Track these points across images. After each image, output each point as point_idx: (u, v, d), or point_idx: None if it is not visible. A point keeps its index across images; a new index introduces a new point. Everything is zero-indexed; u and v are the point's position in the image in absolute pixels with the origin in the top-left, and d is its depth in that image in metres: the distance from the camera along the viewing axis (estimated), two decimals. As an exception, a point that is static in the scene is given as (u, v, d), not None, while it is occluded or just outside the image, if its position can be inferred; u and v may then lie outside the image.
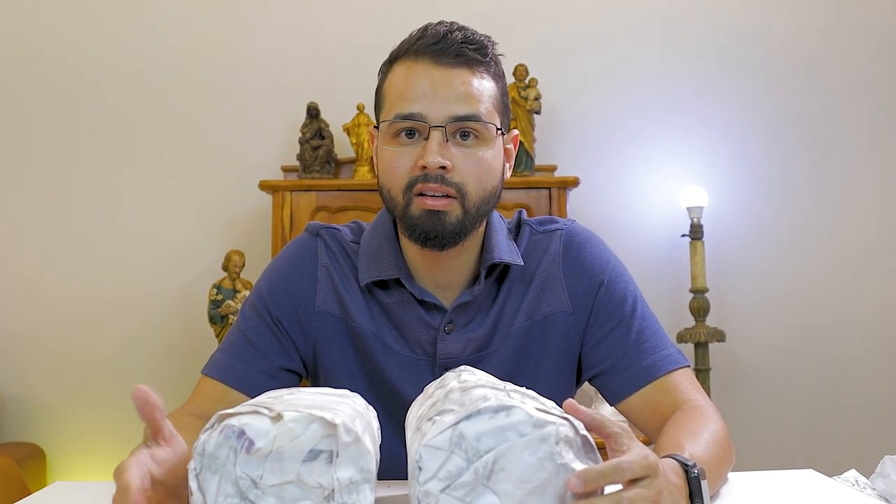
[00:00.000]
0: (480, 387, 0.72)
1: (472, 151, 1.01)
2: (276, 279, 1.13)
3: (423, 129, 1.00)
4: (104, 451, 2.82)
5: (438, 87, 1.00)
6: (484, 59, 1.03)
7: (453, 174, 1.00)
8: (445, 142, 1.00)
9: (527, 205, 2.56)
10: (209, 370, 1.10)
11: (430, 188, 0.99)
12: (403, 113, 1.00)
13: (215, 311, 2.56)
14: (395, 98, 1.02)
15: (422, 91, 1.00)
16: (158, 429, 0.71)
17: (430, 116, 0.99)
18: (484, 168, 1.02)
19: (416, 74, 1.01)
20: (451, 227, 1.00)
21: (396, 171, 1.02)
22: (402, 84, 1.02)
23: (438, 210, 1.00)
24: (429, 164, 0.98)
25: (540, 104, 2.73)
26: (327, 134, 2.73)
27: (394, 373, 1.09)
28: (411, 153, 1.01)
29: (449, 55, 1.00)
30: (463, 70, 1.01)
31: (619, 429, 0.70)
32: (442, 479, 0.65)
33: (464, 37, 1.02)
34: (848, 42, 2.97)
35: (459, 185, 1.00)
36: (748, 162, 2.94)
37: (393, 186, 1.03)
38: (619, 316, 1.09)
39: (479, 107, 1.01)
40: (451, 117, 0.99)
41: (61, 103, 2.91)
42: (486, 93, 1.02)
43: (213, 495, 0.65)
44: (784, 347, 2.88)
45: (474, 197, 1.01)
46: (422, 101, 1.00)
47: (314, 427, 0.66)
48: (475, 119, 1.00)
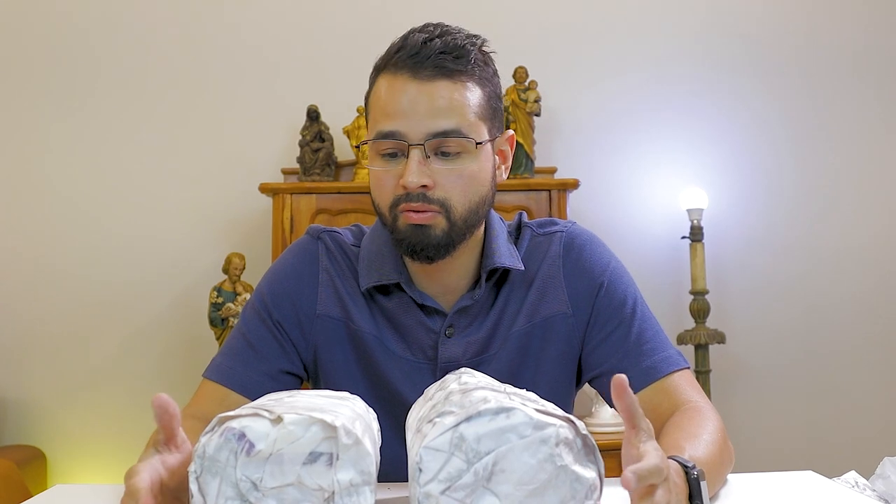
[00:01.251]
0: (480, 389, 0.72)
1: (454, 167, 0.99)
2: (277, 282, 1.13)
3: (403, 147, 0.99)
4: (104, 454, 2.82)
5: (416, 102, 0.98)
6: (465, 68, 0.99)
7: (435, 191, 0.99)
8: (426, 158, 0.98)
9: (527, 207, 2.56)
10: (210, 373, 1.10)
11: (413, 207, 0.99)
12: (384, 131, 0.99)
13: (216, 314, 2.56)
14: (377, 114, 1.02)
15: (401, 108, 0.98)
16: (173, 436, 0.73)
17: (409, 134, 0.98)
18: (467, 181, 1.00)
19: (395, 89, 0.99)
20: (436, 240, 1.00)
21: (383, 190, 1.02)
22: (382, 99, 1.01)
23: (423, 224, 0.99)
24: (408, 185, 0.98)
25: (540, 106, 2.73)
26: (327, 136, 2.73)
27: (394, 376, 1.08)
28: (394, 172, 1.00)
29: (427, 67, 0.98)
30: (442, 82, 0.98)
31: (647, 425, 0.71)
32: (442, 481, 0.65)
33: (443, 45, 0.98)
34: (848, 43, 2.97)
35: (443, 201, 0.99)
36: (748, 163, 2.94)
37: (380, 203, 1.03)
38: (619, 318, 1.09)
39: (460, 119, 0.98)
40: (429, 134, 0.97)
41: (61, 104, 2.92)
42: (467, 103, 0.99)
43: (213, 498, 0.66)
44: (784, 349, 2.88)
45: (460, 210, 1.00)
46: (401, 119, 0.98)
47: (314, 429, 0.66)
48: (456, 134, 0.98)
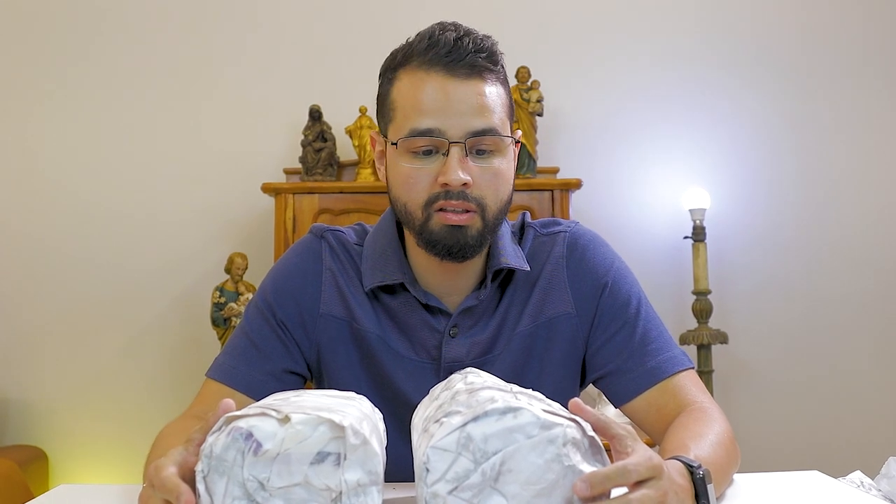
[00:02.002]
0: (487, 388, 0.72)
1: (489, 165, 1.00)
2: (280, 281, 1.13)
3: (443, 145, 0.99)
4: (106, 454, 2.82)
5: (454, 100, 0.98)
6: (495, 67, 1.01)
7: (473, 189, 0.99)
8: (465, 157, 0.98)
9: (529, 207, 2.56)
10: (213, 373, 1.10)
11: (453, 205, 0.98)
12: (420, 129, 0.98)
13: (218, 314, 2.56)
14: (408, 110, 1.00)
15: (438, 105, 0.98)
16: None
17: (448, 132, 0.98)
18: (501, 180, 1.01)
19: (430, 87, 0.99)
20: (472, 240, 1.00)
21: (415, 188, 1.00)
22: (414, 96, 1.00)
23: (461, 225, 0.99)
24: (451, 182, 0.97)
25: (542, 106, 2.73)
26: (330, 136, 2.73)
27: (398, 376, 1.08)
28: (429, 169, 0.99)
29: (463, 66, 0.98)
30: (476, 81, 0.99)
31: (623, 430, 0.70)
32: (449, 481, 0.65)
33: (474, 44, 0.99)
34: (849, 44, 2.97)
35: (479, 200, 1.00)
36: (750, 164, 2.94)
37: (410, 202, 1.01)
38: (623, 318, 1.09)
39: (495, 118, 1.00)
40: (469, 132, 0.98)
41: (62, 103, 2.92)
42: (498, 102, 1.01)
43: (220, 497, 0.65)
44: (787, 349, 2.88)
45: (493, 209, 1.01)
46: (438, 116, 0.98)
47: (322, 429, 0.66)
48: (493, 133, 0.99)
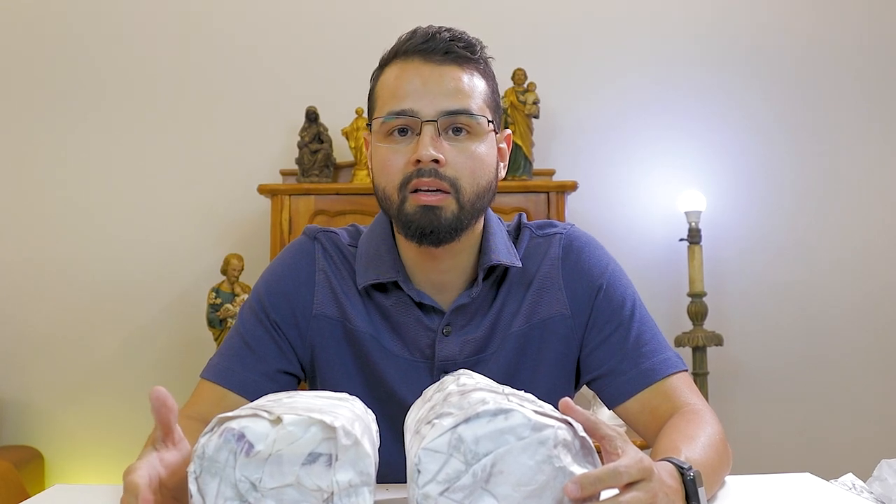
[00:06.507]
0: (479, 390, 0.72)
1: (464, 146, 1.02)
2: (273, 282, 1.13)
3: (415, 124, 1.01)
4: (102, 455, 2.82)
5: (429, 83, 1.01)
6: (473, 57, 1.04)
7: (447, 168, 1.00)
8: (438, 136, 1.00)
9: (525, 209, 2.56)
10: (207, 373, 1.10)
11: (425, 183, 1.00)
12: (395, 110, 1.01)
13: (214, 315, 2.56)
14: (387, 97, 1.04)
15: (413, 88, 1.01)
16: (170, 431, 0.73)
17: (421, 112, 1.00)
18: (477, 162, 1.02)
19: (407, 73, 1.03)
20: (446, 222, 1.01)
21: (390, 169, 1.02)
22: (393, 83, 1.04)
23: (433, 205, 1.00)
24: (422, 157, 0.99)
25: (538, 108, 2.73)
26: (326, 138, 2.74)
27: (392, 375, 1.09)
28: (405, 150, 1.01)
29: (438, 52, 1.02)
30: (452, 67, 1.03)
31: (612, 431, 0.71)
32: (441, 482, 0.66)
33: (452, 35, 1.04)
34: (846, 46, 2.98)
35: (453, 180, 1.01)
36: (746, 166, 2.94)
37: (387, 184, 1.03)
38: (617, 320, 1.09)
39: (470, 102, 1.02)
40: (442, 112, 1.00)
41: (60, 106, 2.92)
42: (476, 89, 1.04)
43: (212, 498, 0.66)
44: (782, 351, 2.88)
45: (468, 191, 1.02)
46: (413, 98, 1.01)
47: (313, 430, 0.66)
48: (466, 113, 1.01)
